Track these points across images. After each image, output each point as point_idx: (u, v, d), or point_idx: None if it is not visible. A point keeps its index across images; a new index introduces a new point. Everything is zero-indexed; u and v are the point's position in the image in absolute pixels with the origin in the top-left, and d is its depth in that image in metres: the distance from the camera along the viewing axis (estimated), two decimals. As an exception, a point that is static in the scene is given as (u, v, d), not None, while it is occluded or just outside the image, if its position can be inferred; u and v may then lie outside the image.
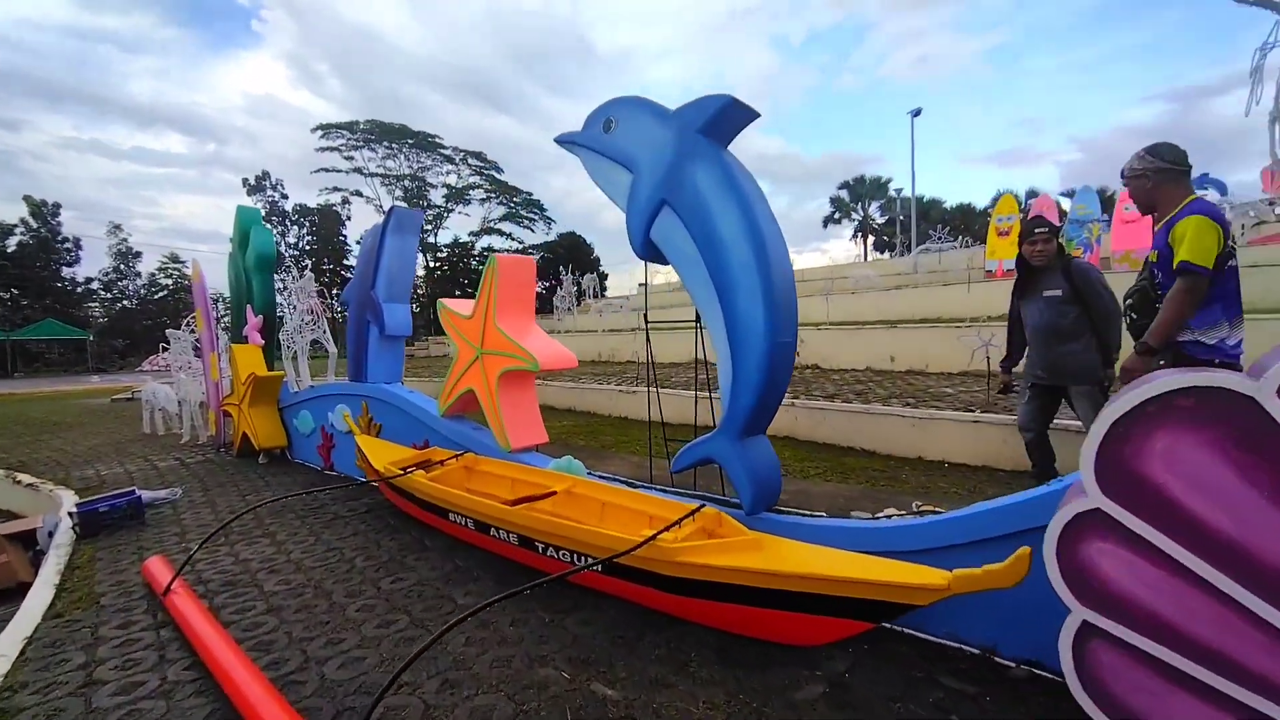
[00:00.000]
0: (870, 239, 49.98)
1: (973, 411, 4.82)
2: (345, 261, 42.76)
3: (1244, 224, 13.13)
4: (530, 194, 48.02)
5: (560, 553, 2.88)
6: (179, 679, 2.34)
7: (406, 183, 43.38)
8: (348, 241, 44.79)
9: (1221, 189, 15.86)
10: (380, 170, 43.00)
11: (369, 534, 3.93)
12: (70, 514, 4.23)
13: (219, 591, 3.13)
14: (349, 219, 45.43)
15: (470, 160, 45.45)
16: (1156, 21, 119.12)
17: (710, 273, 2.98)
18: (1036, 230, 3.68)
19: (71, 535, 4.13)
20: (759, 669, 2.26)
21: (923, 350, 7.86)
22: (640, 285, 26.97)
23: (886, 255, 45.62)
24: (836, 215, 51.83)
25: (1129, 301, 2.98)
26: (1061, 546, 1.59)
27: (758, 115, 3.01)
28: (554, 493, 2.83)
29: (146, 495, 4.74)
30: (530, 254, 51.17)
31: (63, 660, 2.53)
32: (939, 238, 16.75)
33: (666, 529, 2.55)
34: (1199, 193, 2.82)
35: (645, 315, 3.82)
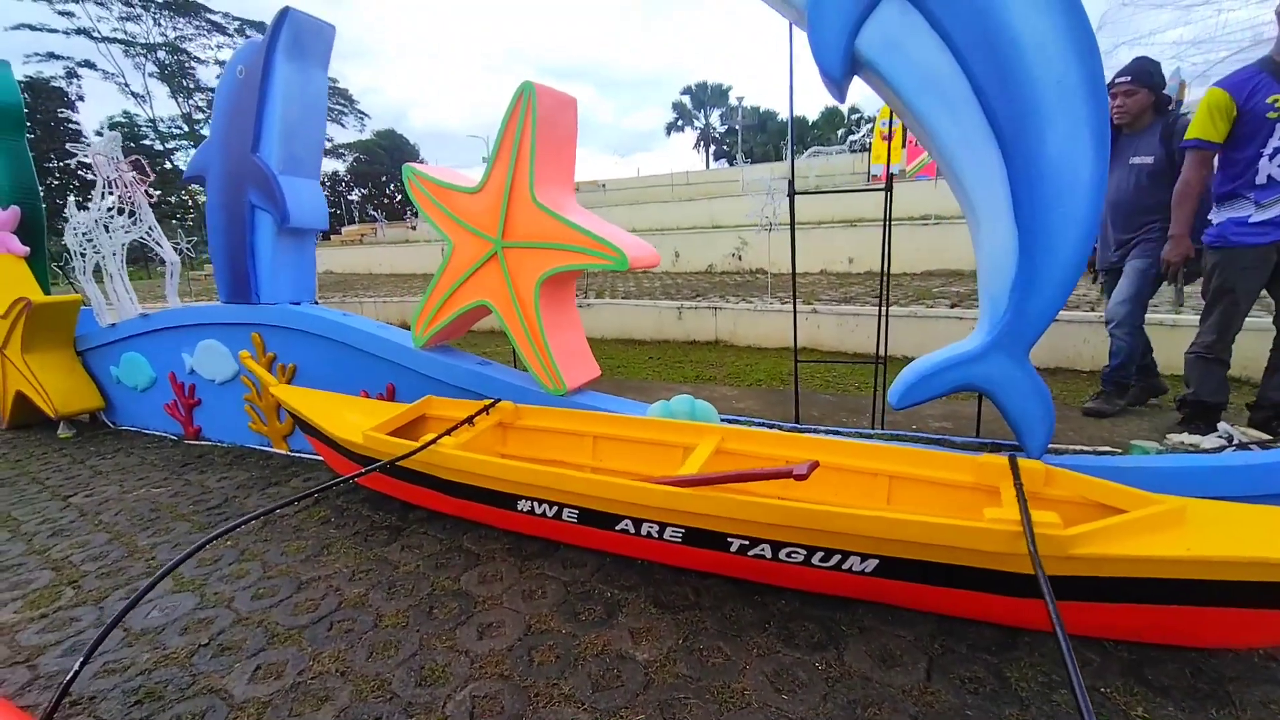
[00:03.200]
0: (712, 147, 50.31)
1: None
2: (82, 158, 32.63)
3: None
4: (335, 80, 40.41)
5: (793, 553, 1.79)
6: None
7: (161, 54, 33.74)
8: (82, 131, 34.13)
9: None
10: (121, 35, 32.80)
11: (351, 546, 2.43)
12: None
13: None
14: (80, 99, 34.45)
15: (250, 32, 36.40)
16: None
17: (986, 99, 1.89)
18: (1117, 80, 3.04)
19: None
20: (1216, 702, 1.47)
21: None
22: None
23: (724, 164, 46.47)
24: (679, 122, 51.09)
25: None
26: None
27: None
28: (816, 464, 1.68)
29: None
30: (343, 154, 44.38)
31: None
32: (847, 139, 17.10)
33: (1025, 506, 1.59)
34: None
35: (791, 184, 2.62)
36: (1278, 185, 2.51)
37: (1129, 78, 3.00)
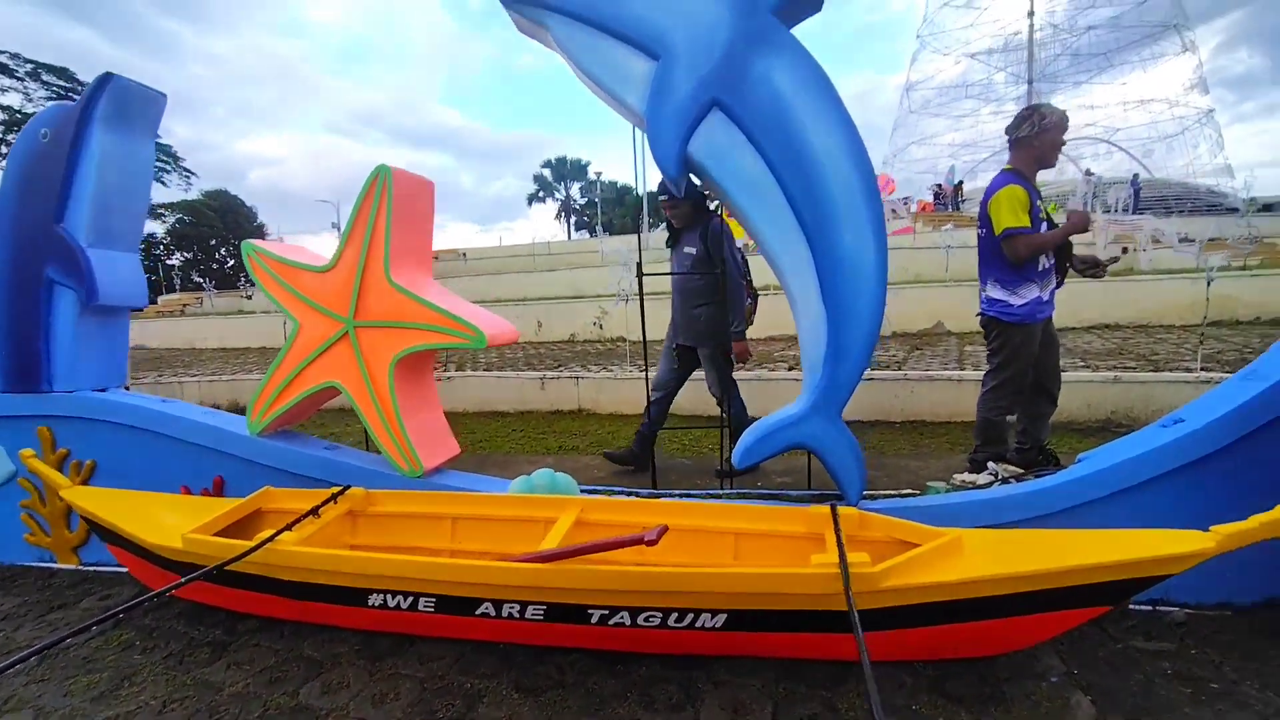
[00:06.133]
0: (573, 218, 52.11)
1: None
2: None
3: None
4: (158, 136, 36.69)
5: (650, 616, 1.88)
6: None
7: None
8: None
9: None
10: None
11: (162, 671, 2.12)
12: None
13: None
14: None
15: (45, 76, 32.25)
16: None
17: (795, 203, 2.27)
18: (661, 198, 3.66)
19: None
20: (995, 702, 1.76)
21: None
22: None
23: (585, 235, 48.38)
24: (540, 193, 52.54)
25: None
26: None
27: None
28: (665, 529, 1.77)
29: None
30: (163, 215, 39.94)
31: None
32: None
33: (843, 549, 1.82)
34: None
35: (640, 265, 2.85)
36: (1049, 272, 3.15)
37: (667, 196, 3.49)
